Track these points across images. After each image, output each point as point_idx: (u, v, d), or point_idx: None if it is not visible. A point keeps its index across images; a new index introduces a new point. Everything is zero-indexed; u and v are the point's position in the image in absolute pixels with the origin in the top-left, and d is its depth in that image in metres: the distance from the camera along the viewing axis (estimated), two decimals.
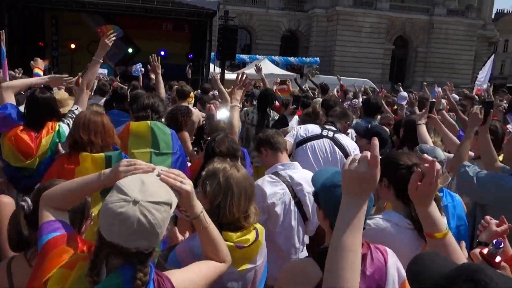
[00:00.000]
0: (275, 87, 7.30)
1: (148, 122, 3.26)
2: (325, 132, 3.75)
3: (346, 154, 3.68)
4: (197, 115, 5.16)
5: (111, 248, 1.30)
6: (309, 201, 2.92)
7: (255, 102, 7.15)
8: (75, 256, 1.42)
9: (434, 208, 1.45)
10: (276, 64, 27.08)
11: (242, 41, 42.03)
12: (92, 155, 2.59)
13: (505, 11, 68.80)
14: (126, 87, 7.37)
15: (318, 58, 31.17)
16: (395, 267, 1.69)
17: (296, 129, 3.82)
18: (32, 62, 5.08)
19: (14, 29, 14.42)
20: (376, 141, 1.27)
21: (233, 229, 1.84)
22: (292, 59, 30.41)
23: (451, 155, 3.17)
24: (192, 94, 8.17)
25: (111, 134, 2.74)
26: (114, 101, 5.08)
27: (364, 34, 40.46)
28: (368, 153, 1.24)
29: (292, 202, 2.87)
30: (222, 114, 3.70)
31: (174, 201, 1.38)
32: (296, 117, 5.43)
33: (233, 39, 16.59)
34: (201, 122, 5.02)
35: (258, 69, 7.43)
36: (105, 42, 3.31)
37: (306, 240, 3.08)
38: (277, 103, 5.85)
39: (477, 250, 1.37)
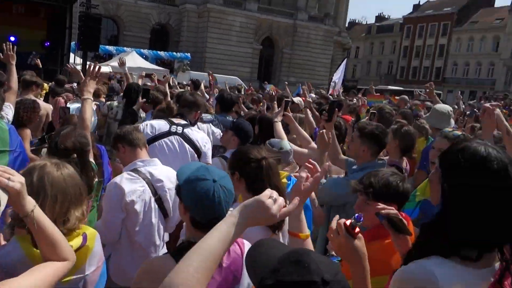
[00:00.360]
0: (140, 81, 7.01)
1: None
2: (173, 129, 3.64)
3: (196, 149, 3.66)
4: (46, 108, 4.65)
5: None
6: (170, 197, 2.87)
7: (116, 97, 6.77)
8: None
9: (302, 210, 1.57)
10: (146, 57, 26.22)
11: (109, 31, 39.72)
12: None
13: (357, 21, 77.41)
14: None
15: (189, 54, 31.03)
16: None
17: (142, 126, 3.63)
18: None
19: None
20: (292, 206, 1.35)
21: None
22: (162, 53, 29.77)
23: (300, 150, 3.43)
24: (46, 86, 7.41)
25: None
26: None
27: (234, 33, 41.59)
28: (281, 201, 1.30)
29: (153, 199, 2.80)
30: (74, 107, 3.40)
31: (3, 197, 1.25)
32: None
33: (97, 28, 15.50)
34: (50, 117, 4.53)
35: (121, 64, 6.96)
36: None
37: (166, 237, 3.02)
38: None
39: (342, 221, 1.52)
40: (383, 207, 1.78)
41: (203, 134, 3.89)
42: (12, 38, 16.48)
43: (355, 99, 9.48)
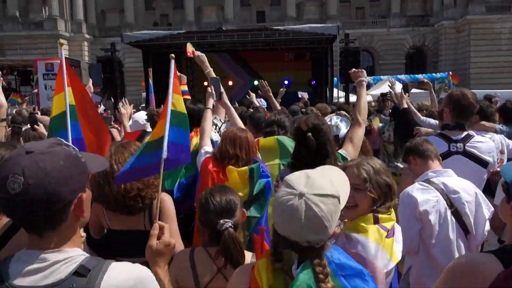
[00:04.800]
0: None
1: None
2: (453, 148, 3.20)
3: (482, 162, 3.18)
4: None
5: (285, 241, 1.36)
6: (470, 212, 2.62)
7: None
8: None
9: None
10: (403, 83, 25.85)
11: (364, 63, 41.23)
12: (237, 170, 2.73)
13: None
14: None
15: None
16: None
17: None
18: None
19: (157, 71, 15.93)
20: None
21: None
22: (420, 76, 28.76)
23: None
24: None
25: (254, 150, 2.87)
26: None
27: (503, 41, 36.60)
28: None
29: (449, 212, 2.61)
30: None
31: (342, 195, 1.40)
32: None
33: (356, 61, 16.25)
34: None
35: (392, 84, 7.26)
36: (198, 58, 3.96)
37: None
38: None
39: None
40: None
41: (487, 144, 3.28)
42: (286, 82, 19.23)
43: None
